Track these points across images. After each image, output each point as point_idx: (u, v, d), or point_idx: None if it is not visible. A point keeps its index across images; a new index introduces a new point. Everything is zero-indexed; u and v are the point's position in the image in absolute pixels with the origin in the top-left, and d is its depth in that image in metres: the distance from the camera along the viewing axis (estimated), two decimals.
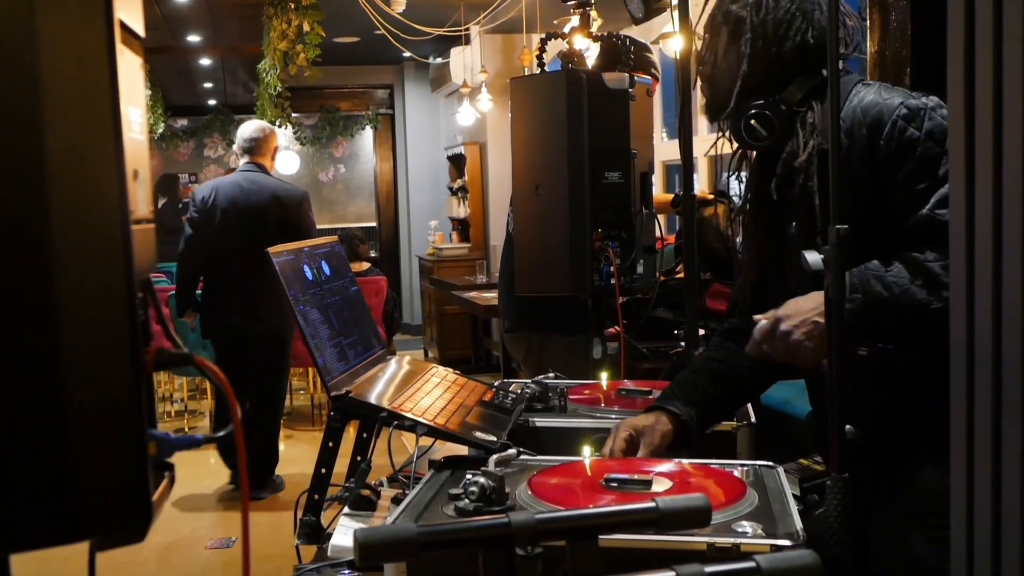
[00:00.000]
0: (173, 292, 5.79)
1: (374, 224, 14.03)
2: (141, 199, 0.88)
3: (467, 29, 8.38)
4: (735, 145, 1.92)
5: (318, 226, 5.71)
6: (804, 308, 1.68)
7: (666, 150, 7.06)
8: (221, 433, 0.87)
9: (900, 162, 1.70)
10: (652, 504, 1.03)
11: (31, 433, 0.78)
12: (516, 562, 0.97)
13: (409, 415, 1.68)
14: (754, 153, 1.97)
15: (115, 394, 0.80)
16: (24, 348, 0.78)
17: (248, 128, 5.55)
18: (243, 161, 5.49)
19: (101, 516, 0.80)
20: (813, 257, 1.39)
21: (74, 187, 0.79)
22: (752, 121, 1.81)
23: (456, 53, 9.22)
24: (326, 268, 1.89)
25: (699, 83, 2.03)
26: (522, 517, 0.98)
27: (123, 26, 0.84)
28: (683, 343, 3.06)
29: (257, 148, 5.48)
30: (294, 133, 14.27)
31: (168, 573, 4.55)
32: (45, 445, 0.78)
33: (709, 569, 0.88)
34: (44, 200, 0.78)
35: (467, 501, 1.37)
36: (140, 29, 0.91)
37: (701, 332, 3.04)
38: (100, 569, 0.93)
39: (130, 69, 0.87)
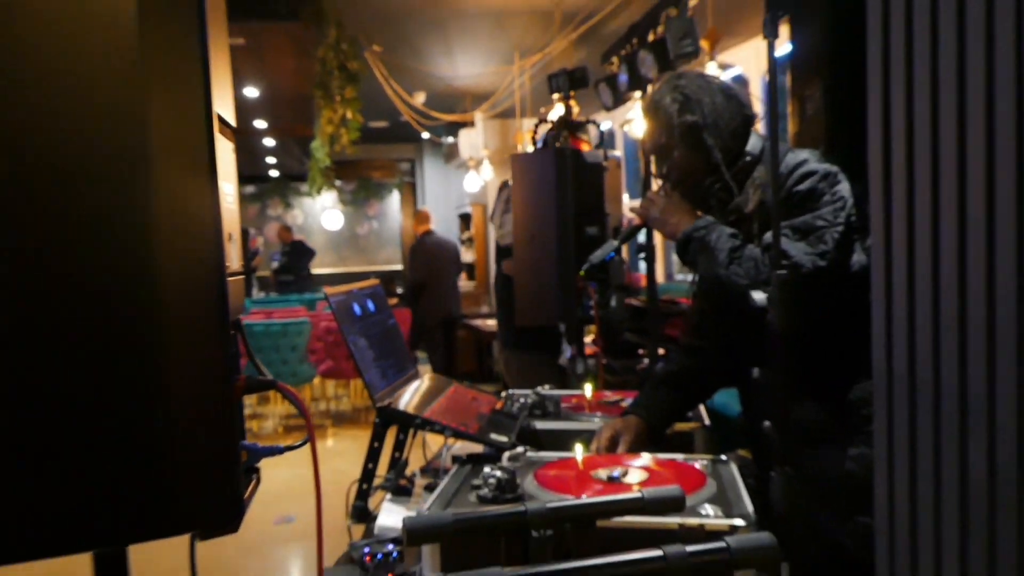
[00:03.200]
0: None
1: (400, 267, 14.00)
2: (234, 256, 0.86)
3: (472, 116, 8.41)
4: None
5: (354, 269, 6.10)
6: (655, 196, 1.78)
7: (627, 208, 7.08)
8: (299, 444, 0.85)
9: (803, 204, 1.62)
10: (640, 495, 1.01)
11: (144, 446, 0.76)
12: (531, 542, 0.95)
13: (438, 421, 1.65)
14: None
15: (212, 414, 0.78)
16: (138, 378, 0.76)
17: (424, 212, 7.86)
18: (424, 227, 7.62)
19: (202, 512, 0.78)
20: (759, 295, 1.37)
21: (181, 248, 0.77)
22: (720, 195, 1.73)
23: (464, 134, 9.24)
24: (371, 305, 1.86)
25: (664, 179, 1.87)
26: (536, 507, 0.95)
27: (219, 119, 0.83)
28: (646, 360, 3.04)
29: (427, 221, 7.67)
30: (338, 196, 14.30)
31: (243, 545, 4.46)
32: (156, 456, 0.76)
33: (690, 548, 0.85)
34: (155, 259, 0.76)
35: (486, 491, 1.34)
36: (232, 120, 0.90)
37: (660, 352, 3.03)
38: (182, 544, 0.89)
39: (225, 152, 0.85)
